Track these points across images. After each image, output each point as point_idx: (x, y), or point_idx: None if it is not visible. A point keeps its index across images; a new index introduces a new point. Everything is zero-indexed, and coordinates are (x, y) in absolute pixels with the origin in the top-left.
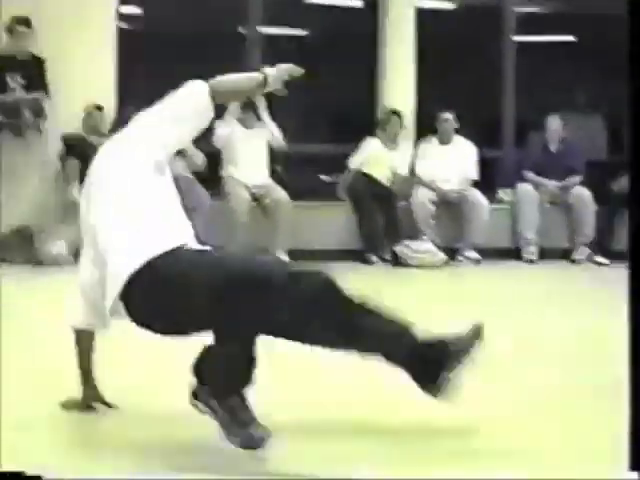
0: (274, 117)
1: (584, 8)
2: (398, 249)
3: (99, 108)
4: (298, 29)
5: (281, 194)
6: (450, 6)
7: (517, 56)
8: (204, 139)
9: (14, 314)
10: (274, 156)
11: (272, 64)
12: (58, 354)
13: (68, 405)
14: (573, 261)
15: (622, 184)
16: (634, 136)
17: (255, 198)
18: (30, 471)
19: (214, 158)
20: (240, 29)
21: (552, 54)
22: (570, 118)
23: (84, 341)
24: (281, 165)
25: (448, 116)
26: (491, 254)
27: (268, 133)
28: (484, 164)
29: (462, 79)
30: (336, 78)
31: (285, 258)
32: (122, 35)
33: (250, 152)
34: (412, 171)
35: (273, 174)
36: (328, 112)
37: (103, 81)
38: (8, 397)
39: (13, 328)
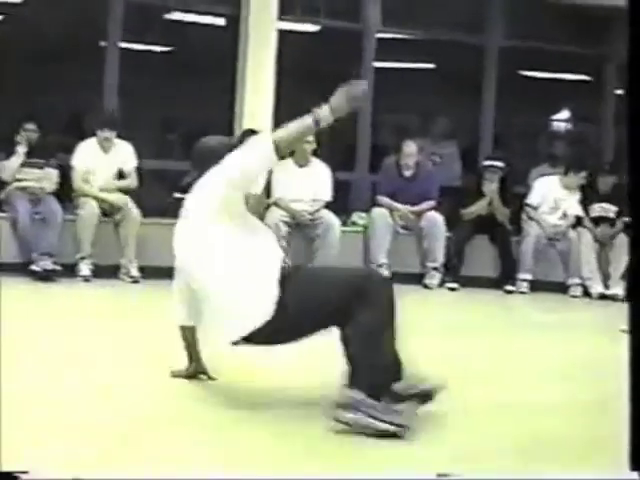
0: (129, 132)
1: (444, 35)
2: None
3: None
4: (159, 45)
5: (132, 210)
6: (312, 28)
7: (375, 81)
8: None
9: None
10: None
11: (131, 78)
12: None
13: (176, 374)
14: (425, 286)
15: (472, 210)
16: (631, 142)
17: (105, 213)
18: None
19: (68, 173)
20: (101, 43)
21: (410, 80)
22: (425, 144)
23: (187, 333)
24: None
25: (308, 138)
26: None
27: (122, 154)
28: (339, 187)
29: (321, 102)
30: (195, 95)
31: (135, 274)
32: None
33: (103, 169)
34: (267, 192)
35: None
36: (184, 129)
37: None
38: None
39: None
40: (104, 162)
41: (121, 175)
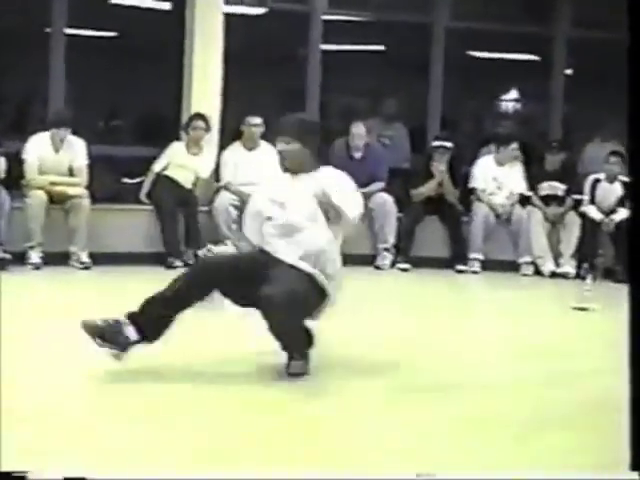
0: (78, 117)
1: (391, 16)
2: (201, 253)
3: None
4: (105, 31)
5: (82, 198)
6: (259, 11)
7: (323, 63)
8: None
9: None
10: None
11: (78, 65)
12: None
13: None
14: (377, 267)
15: (421, 191)
16: (633, 138)
17: (54, 201)
18: None
19: (18, 163)
20: (46, 29)
21: (359, 62)
22: (374, 125)
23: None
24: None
25: (256, 121)
26: None
27: (74, 150)
28: None
29: (269, 85)
30: (143, 80)
31: (86, 260)
32: None
33: (55, 165)
34: (216, 175)
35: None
36: (133, 114)
37: None
38: None
39: None
40: (56, 159)
41: (71, 170)
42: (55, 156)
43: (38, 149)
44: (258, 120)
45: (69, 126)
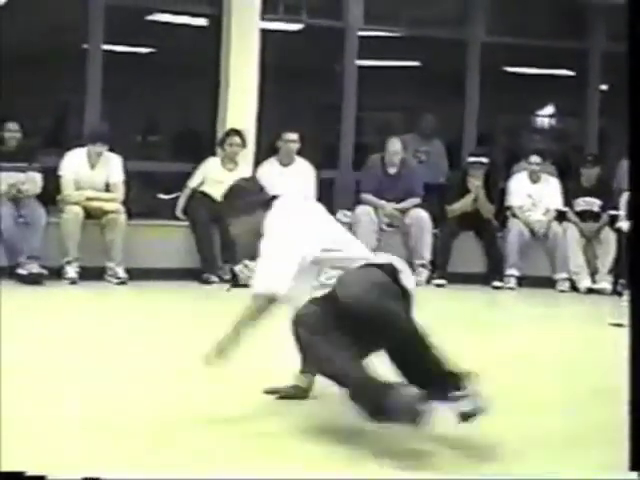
0: (114, 133)
1: (426, 32)
2: (237, 269)
3: None
4: (141, 47)
5: (119, 214)
6: (295, 27)
7: (359, 78)
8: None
9: None
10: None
11: (114, 81)
12: None
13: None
14: None
15: (456, 207)
16: (632, 139)
17: (91, 216)
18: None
19: (54, 178)
20: (83, 45)
21: (395, 78)
22: (410, 141)
23: None
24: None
25: (292, 136)
26: None
27: (110, 166)
28: (323, 185)
29: (305, 100)
30: (179, 96)
31: (123, 275)
32: None
33: (91, 181)
34: None
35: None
36: (169, 130)
37: None
38: None
39: None
40: (92, 174)
41: (107, 186)
42: (91, 172)
43: (74, 165)
44: (294, 136)
45: (105, 142)
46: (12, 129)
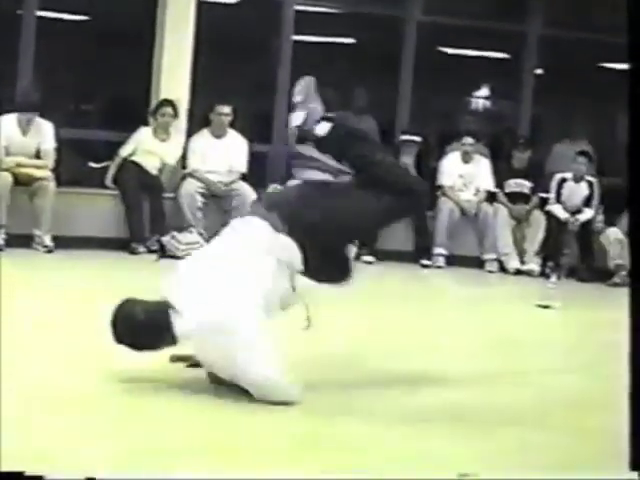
0: (46, 100)
1: (364, 9)
2: (165, 240)
3: None
4: (75, 14)
5: (49, 182)
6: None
7: (294, 53)
8: None
9: None
10: None
11: (47, 47)
12: None
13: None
14: None
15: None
16: (632, 137)
17: (19, 183)
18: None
19: None
20: (17, 11)
21: (330, 54)
22: (343, 117)
23: None
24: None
25: (225, 109)
26: None
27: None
28: (256, 159)
29: (239, 73)
30: (112, 64)
31: (49, 243)
32: None
33: (22, 147)
34: (182, 162)
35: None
36: (102, 98)
37: None
38: None
39: None
40: (23, 141)
41: (38, 153)
42: (22, 138)
43: (5, 131)
44: (227, 109)
45: (36, 109)
46: None
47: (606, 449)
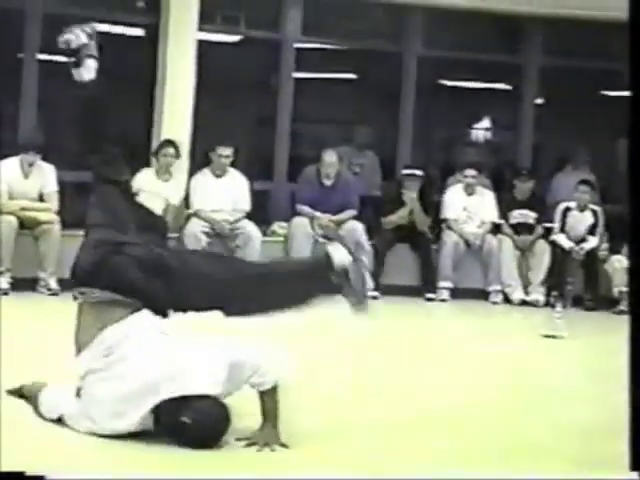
0: (49, 143)
1: (363, 45)
2: None
3: None
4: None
5: (54, 225)
6: (233, 39)
7: (295, 90)
8: None
9: None
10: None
11: (50, 90)
12: None
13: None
14: None
15: (392, 219)
16: (632, 150)
17: (23, 225)
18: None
19: None
20: (18, 55)
21: (331, 90)
22: (345, 153)
23: None
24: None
25: (226, 151)
26: None
27: (44, 177)
28: (258, 197)
29: (241, 112)
30: (114, 106)
31: (55, 286)
32: None
33: (25, 191)
34: (186, 202)
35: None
36: (103, 140)
37: None
38: None
39: None
40: (25, 185)
41: (41, 196)
42: (24, 181)
43: (6, 174)
44: (227, 151)
45: (38, 151)
46: None
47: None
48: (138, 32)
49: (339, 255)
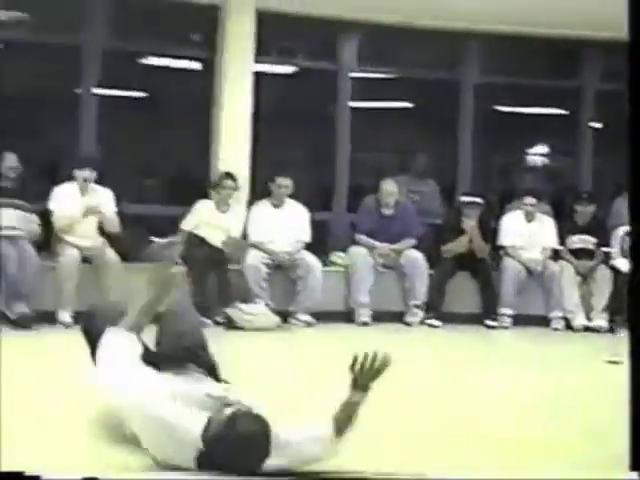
0: (109, 178)
1: (419, 73)
2: (230, 311)
3: None
4: (135, 91)
5: (108, 256)
6: (289, 70)
7: (352, 120)
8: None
9: None
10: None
11: (108, 125)
12: None
13: None
14: (407, 324)
15: (451, 248)
16: (633, 160)
17: (86, 259)
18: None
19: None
20: (76, 90)
21: (388, 119)
22: (404, 182)
23: None
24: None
25: (285, 182)
26: (325, 317)
27: (101, 199)
28: (317, 227)
29: (298, 142)
30: (173, 139)
31: None
32: None
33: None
34: (245, 234)
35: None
36: (162, 173)
37: None
38: None
39: None
40: (83, 207)
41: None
42: (82, 203)
43: (64, 198)
44: (286, 182)
45: (95, 168)
46: (11, 166)
47: None
48: (195, 65)
49: None
